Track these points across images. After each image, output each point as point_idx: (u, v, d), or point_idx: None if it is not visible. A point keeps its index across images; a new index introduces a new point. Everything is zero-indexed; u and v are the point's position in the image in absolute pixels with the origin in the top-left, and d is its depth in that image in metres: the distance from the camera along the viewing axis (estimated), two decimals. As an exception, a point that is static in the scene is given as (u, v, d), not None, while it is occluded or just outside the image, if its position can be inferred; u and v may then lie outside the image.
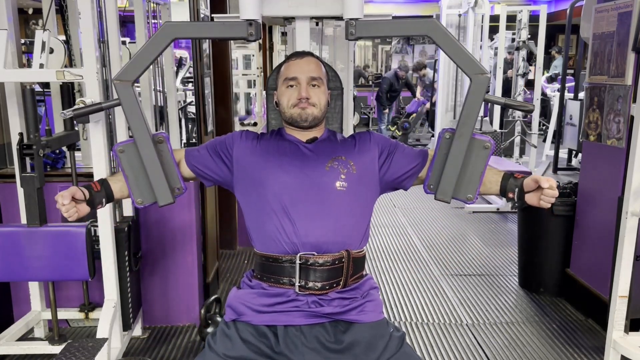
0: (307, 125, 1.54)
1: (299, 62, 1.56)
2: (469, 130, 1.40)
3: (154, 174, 1.46)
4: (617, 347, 2.24)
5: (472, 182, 1.45)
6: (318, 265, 1.42)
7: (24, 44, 3.06)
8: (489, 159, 1.44)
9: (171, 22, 1.43)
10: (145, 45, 1.40)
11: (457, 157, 1.42)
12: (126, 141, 1.49)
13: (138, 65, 1.40)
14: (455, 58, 1.36)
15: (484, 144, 1.43)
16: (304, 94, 1.51)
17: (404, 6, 11.28)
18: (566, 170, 6.86)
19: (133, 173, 1.48)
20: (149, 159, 1.45)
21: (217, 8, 3.44)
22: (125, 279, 2.45)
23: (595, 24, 2.86)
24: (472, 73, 1.35)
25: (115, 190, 1.53)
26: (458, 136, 1.41)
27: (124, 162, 1.47)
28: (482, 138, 1.43)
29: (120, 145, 1.48)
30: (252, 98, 6.64)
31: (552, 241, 3.23)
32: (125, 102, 1.41)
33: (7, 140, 2.53)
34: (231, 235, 4.05)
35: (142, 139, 1.44)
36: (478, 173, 1.44)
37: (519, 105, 1.53)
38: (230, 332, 1.44)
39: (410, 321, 3.00)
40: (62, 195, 1.40)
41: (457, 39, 1.34)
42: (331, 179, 1.49)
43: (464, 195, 1.46)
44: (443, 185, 1.45)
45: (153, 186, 1.46)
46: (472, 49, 7.24)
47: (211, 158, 1.57)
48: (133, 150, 1.46)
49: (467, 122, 1.40)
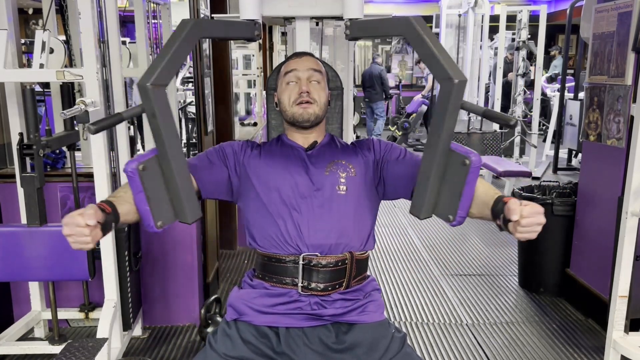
0: (308, 125, 1.53)
1: (299, 60, 1.57)
2: (438, 141, 1.19)
3: (185, 189, 1.24)
4: (617, 347, 2.24)
5: (451, 202, 1.23)
6: (321, 267, 1.43)
7: (24, 44, 3.06)
8: (474, 178, 1.21)
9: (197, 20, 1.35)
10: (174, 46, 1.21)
11: (427, 170, 1.22)
12: (145, 156, 1.23)
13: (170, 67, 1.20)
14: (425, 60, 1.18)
15: (462, 160, 1.18)
16: (304, 87, 1.51)
17: (404, 6, 11.29)
18: (566, 170, 6.86)
19: (155, 192, 1.24)
20: (180, 173, 1.23)
21: (217, 8, 3.44)
22: (125, 279, 2.45)
23: (595, 24, 2.86)
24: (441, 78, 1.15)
25: (122, 213, 1.28)
26: (427, 147, 1.22)
27: (147, 182, 1.22)
28: (461, 152, 1.19)
29: (141, 162, 1.21)
30: (252, 98, 6.64)
31: (552, 241, 3.23)
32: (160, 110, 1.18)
33: (7, 140, 2.53)
34: (231, 235, 4.05)
35: (175, 150, 1.21)
36: (457, 192, 1.21)
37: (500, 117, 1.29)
38: (231, 331, 1.44)
39: (410, 321, 3.00)
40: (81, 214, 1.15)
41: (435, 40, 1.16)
42: (331, 182, 1.49)
43: (443, 215, 1.25)
44: (415, 199, 1.27)
45: (184, 202, 1.25)
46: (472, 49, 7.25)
47: (212, 168, 1.53)
48: (156, 165, 1.23)
49: (436, 132, 1.19)
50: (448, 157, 1.21)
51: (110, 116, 1.27)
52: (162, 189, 1.25)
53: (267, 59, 5.66)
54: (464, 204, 1.22)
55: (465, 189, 1.21)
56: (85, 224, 1.13)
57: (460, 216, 1.23)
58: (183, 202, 1.24)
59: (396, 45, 12.91)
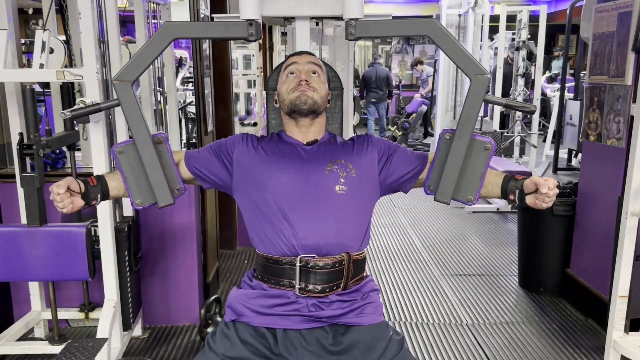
0: (306, 109, 1.51)
1: (299, 57, 1.59)
2: (468, 131, 1.38)
3: (153, 175, 1.44)
4: (617, 347, 2.24)
5: (472, 184, 1.43)
6: (318, 268, 1.42)
7: (24, 44, 3.06)
8: (490, 161, 1.42)
9: (171, 22, 1.42)
10: (145, 45, 1.39)
11: (457, 158, 1.40)
12: (125, 142, 1.47)
13: (138, 65, 1.39)
14: (454, 58, 1.35)
15: (484, 145, 1.40)
16: (303, 76, 1.52)
17: (404, 6, 11.28)
18: (566, 170, 6.86)
19: (132, 174, 1.46)
20: (149, 160, 1.43)
21: (217, 8, 3.44)
22: (125, 279, 2.45)
23: (595, 24, 2.86)
24: (472, 73, 1.34)
25: (112, 187, 1.50)
26: (458, 137, 1.39)
27: (123, 164, 1.45)
28: (482, 139, 1.41)
29: (119, 146, 1.45)
30: (252, 98, 6.64)
31: (552, 241, 3.23)
32: (124, 103, 1.40)
33: (7, 140, 2.53)
34: (231, 235, 4.05)
35: (142, 139, 1.42)
36: (478, 174, 1.42)
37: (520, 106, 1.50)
38: (230, 332, 1.44)
39: (410, 321, 3.00)
40: (57, 184, 1.37)
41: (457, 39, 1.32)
42: (330, 182, 1.49)
43: (464, 197, 1.44)
44: (443, 186, 1.43)
45: (153, 187, 1.45)
46: (472, 49, 7.24)
47: (211, 160, 1.56)
48: (132, 151, 1.44)
49: (466, 122, 1.38)
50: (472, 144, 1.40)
51: (88, 105, 1.49)
52: (140, 172, 1.45)
53: (267, 59, 5.66)
54: (481, 185, 1.43)
55: (485, 170, 1.42)
56: (57, 193, 1.36)
57: (478, 195, 1.44)
58: (152, 187, 1.45)
59: (396, 46, 12.91)
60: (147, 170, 1.44)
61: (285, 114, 1.57)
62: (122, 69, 1.39)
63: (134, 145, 1.44)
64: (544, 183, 1.35)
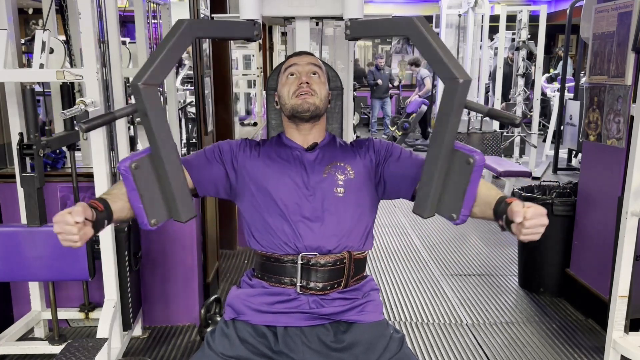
0: (308, 115, 1.51)
1: (299, 57, 1.59)
2: (442, 140, 1.20)
3: (177, 187, 1.26)
4: (617, 347, 2.24)
5: (455, 201, 1.24)
6: (320, 266, 1.43)
7: (24, 44, 3.06)
8: (478, 177, 1.22)
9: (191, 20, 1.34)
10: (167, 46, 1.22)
11: (432, 169, 1.23)
12: (138, 155, 1.26)
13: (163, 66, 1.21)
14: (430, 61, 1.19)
15: (466, 159, 1.20)
16: (304, 78, 1.51)
17: (404, 6, 11.29)
18: (566, 170, 6.86)
19: (148, 191, 1.26)
20: (173, 171, 1.25)
21: (217, 8, 3.44)
22: (125, 279, 2.45)
23: (595, 24, 2.86)
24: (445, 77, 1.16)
25: (115, 210, 1.29)
26: (431, 146, 1.23)
27: (139, 180, 1.25)
28: (465, 151, 1.21)
29: (134, 161, 1.24)
30: (252, 98, 6.64)
31: (552, 241, 3.23)
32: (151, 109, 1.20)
33: (7, 140, 2.53)
34: (231, 235, 4.05)
35: (168, 149, 1.23)
36: (460, 191, 1.23)
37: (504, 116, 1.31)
38: (229, 331, 1.44)
39: (410, 321, 3.00)
40: (75, 211, 1.15)
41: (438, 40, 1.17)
42: (329, 184, 1.49)
43: (446, 213, 1.27)
44: (419, 199, 1.28)
45: (177, 201, 1.26)
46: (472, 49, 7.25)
47: (209, 166, 1.53)
48: (148, 165, 1.26)
49: (441, 131, 1.20)
50: (452, 156, 1.22)
51: (103, 115, 1.29)
52: (155, 187, 1.27)
53: (267, 59, 5.66)
54: (467, 203, 1.23)
55: (469, 187, 1.22)
56: (74, 222, 1.14)
57: (464, 215, 1.24)
58: (176, 201, 1.26)
59: (396, 45, 12.91)
60: (171, 182, 1.26)
61: (285, 117, 1.57)
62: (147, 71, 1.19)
63: (151, 156, 1.26)
64: (519, 211, 1.15)
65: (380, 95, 10.13)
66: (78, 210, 1.16)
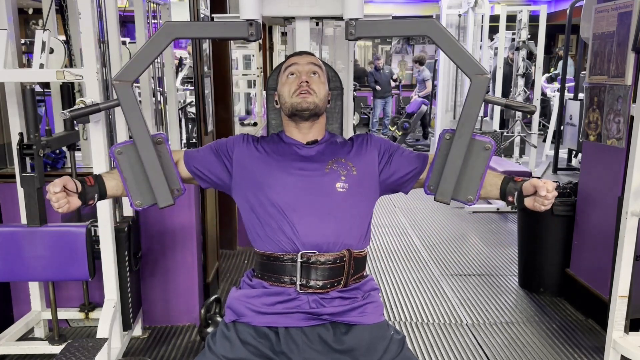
0: (308, 114, 1.53)
1: (299, 57, 1.59)
2: (468, 131, 1.38)
3: (153, 176, 1.44)
4: (617, 347, 2.24)
5: (472, 184, 1.42)
6: (319, 264, 1.43)
7: (24, 44, 3.06)
8: (490, 161, 1.42)
9: (171, 22, 1.42)
10: (145, 45, 1.38)
11: (457, 158, 1.40)
12: (124, 142, 1.46)
13: (138, 65, 1.38)
14: (455, 58, 1.35)
15: (484, 145, 1.40)
16: (304, 78, 1.52)
17: (404, 6, 11.28)
18: (566, 170, 6.86)
19: (132, 175, 1.45)
20: (148, 161, 1.43)
21: (217, 8, 3.44)
22: (125, 279, 2.45)
23: (595, 24, 2.86)
24: (472, 73, 1.34)
25: (109, 187, 1.50)
26: (458, 137, 1.39)
27: (123, 164, 1.45)
28: (482, 139, 1.41)
29: (118, 147, 1.45)
30: (252, 98, 6.64)
31: (552, 241, 3.23)
32: (124, 103, 1.39)
33: (7, 140, 2.53)
34: (231, 235, 4.05)
35: (141, 140, 1.42)
36: (478, 174, 1.42)
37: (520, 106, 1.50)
38: (230, 333, 1.44)
39: (410, 321, 3.00)
40: (53, 183, 1.36)
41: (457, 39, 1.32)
42: (331, 180, 1.49)
43: (464, 197, 1.44)
44: (443, 186, 1.43)
45: (153, 188, 1.44)
46: (472, 49, 7.24)
47: (210, 159, 1.56)
48: (132, 152, 1.44)
49: (466, 122, 1.38)
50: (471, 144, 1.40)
51: (88, 106, 1.49)
52: (140, 172, 1.45)
53: (267, 59, 5.67)
54: (481, 185, 1.43)
55: (485, 170, 1.42)
56: (54, 192, 1.35)
57: (478, 196, 1.44)
58: (152, 188, 1.44)
59: (396, 46, 12.91)
60: (147, 170, 1.43)
61: (285, 116, 1.58)
62: (122, 69, 1.39)
63: (134, 145, 1.43)
64: (543, 185, 1.35)
65: (382, 95, 10.17)
66: (56, 181, 1.37)
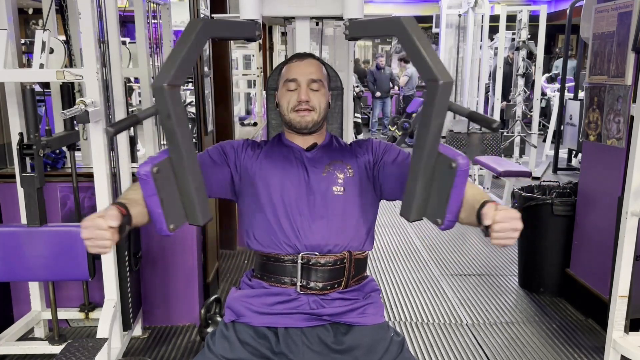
0: (306, 132, 1.54)
1: (300, 64, 1.55)
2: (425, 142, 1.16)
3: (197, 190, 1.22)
4: (617, 347, 2.24)
5: (440, 205, 1.19)
6: (320, 265, 1.43)
7: (24, 44, 3.06)
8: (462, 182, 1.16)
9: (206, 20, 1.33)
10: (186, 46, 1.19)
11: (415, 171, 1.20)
12: (158, 158, 1.21)
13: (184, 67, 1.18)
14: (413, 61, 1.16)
15: (449, 163, 1.15)
16: (303, 97, 1.50)
17: (404, 6, 11.29)
18: (566, 170, 6.86)
19: (168, 195, 1.21)
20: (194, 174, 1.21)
21: (217, 8, 3.44)
22: (125, 279, 2.45)
23: (595, 24, 2.86)
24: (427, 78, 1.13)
25: (134, 215, 1.24)
26: (415, 148, 1.20)
27: (160, 184, 1.20)
28: (448, 155, 1.16)
29: (155, 164, 1.18)
30: (252, 98, 6.64)
31: (552, 241, 3.23)
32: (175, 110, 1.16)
33: (7, 140, 2.53)
34: (231, 235, 4.05)
35: (189, 151, 1.20)
36: (445, 195, 1.18)
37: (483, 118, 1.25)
38: (229, 333, 1.44)
39: (410, 321, 3.00)
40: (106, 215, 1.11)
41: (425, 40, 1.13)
42: (328, 183, 1.49)
43: (432, 218, 1.22)
44: (404, 202, 1.24)
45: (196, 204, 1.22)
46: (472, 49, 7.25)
47: (214, 166, 1.53)
48: (168, 168, 1.21)
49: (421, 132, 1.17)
50: (436, 159, 1.18)
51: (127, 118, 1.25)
52: (174, 191, 1.22)
53: (267, 59, 5.67)
54: (452, 208, 1.18)
55: (452, 192, 1.17)
56: (107, 227, 1.10)
57: (449, 220, 1.18)
58: (195, 204, 1.22)
59: (396, 45, 12.91)
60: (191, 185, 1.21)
61: (284, 123, 1.58)
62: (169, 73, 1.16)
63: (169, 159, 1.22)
64: (488, 214, 1.13)
65: (381, 95, 10.16)
66: (113, 214, 1.12)
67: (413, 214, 1.22)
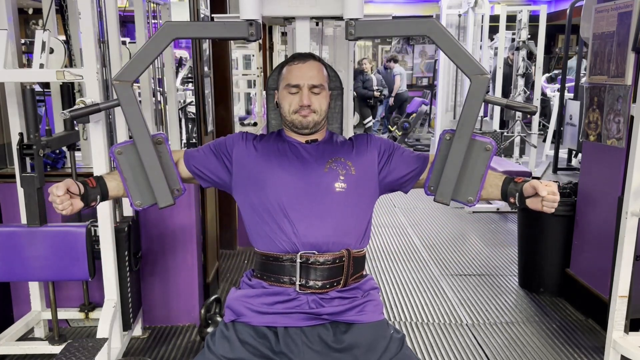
0: (307, 132, 1.55)
1: (301, 67, 1.54)
2: (468, 131, 1.37)
3: (154, 176, 1.43)
4: (617, 347, 2.24)
5: (472, 185, 1.41)
6: (319, 264, 1.43)
7: (24, 44, 3.06)
8: (491, 162, 1.40)
9: (171, 22, 1.42)
10: (145, 45, 1.38)
11: (457, 159, 1.39)
12: (124, 142, 1.46)
13: (137, 65, 1.38)
14: (454, 58, 1.34)
15: (484, 146, 1.39)
16: (305, 101, 1.51)
17: (404, 6, 11.27)
18: (566, 170, 6.86)
19: (132, 175, 1.45)
20: (148, 161, 1.43)
21: (217, 8, 3.44)
22: (125, 279, 2.45)
23: (595, 24, 2.86)
24: (472, 74, 1.33)
25: (111, 188, 1.50)
26: (457, 137, 1.38)
27: (123, 164, 1.45)
28: (482, 140, 1.40)
29: (118, 147, 1.45)
30: (252, 98, 6.64)
31: (552, 241, 3.23)
32: (124, 103, 1.39)
33: (7, 140, 2.53)
34: (231, 235, 4.05)
35: (141, 140, 1.41)
36: (479, 175, 1.41)
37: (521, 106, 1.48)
38: (229, 333, 1.44)
39: (410, 321, 3.00)
40: (56, 186, 1.36)
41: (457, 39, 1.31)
42: (330, 179, 1.49)
43: (464, 198, 1.43)
44: (442, 187, 1.42)
45: (153, 188, 1.44)
46: (472, 49, 7.23)
47: (210, 159, 1.57)
48: (132, 152, 1.44)
49: (466, 123, 1.37)
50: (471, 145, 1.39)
51: (88, 106, 1.49)
52: (140, 172, 1.44)
53: (267, 59, 5.67)
54: (482, 186, 1.42)
55: (485, 171, 1.41)
56: (57, 195, 1.35)
57: (478, 197, 1.42)
58: (152, 188, 1.44)
59: (396, 46, 12.90)
60: (147, 170, 1.43)
61: (285, 123, 1.59)
62: (122, 69, 1.39)
63: (134, 145, 1.43)
64: (542, 186, 1.35)
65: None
66: (59, 184, 1.37)
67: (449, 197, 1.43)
